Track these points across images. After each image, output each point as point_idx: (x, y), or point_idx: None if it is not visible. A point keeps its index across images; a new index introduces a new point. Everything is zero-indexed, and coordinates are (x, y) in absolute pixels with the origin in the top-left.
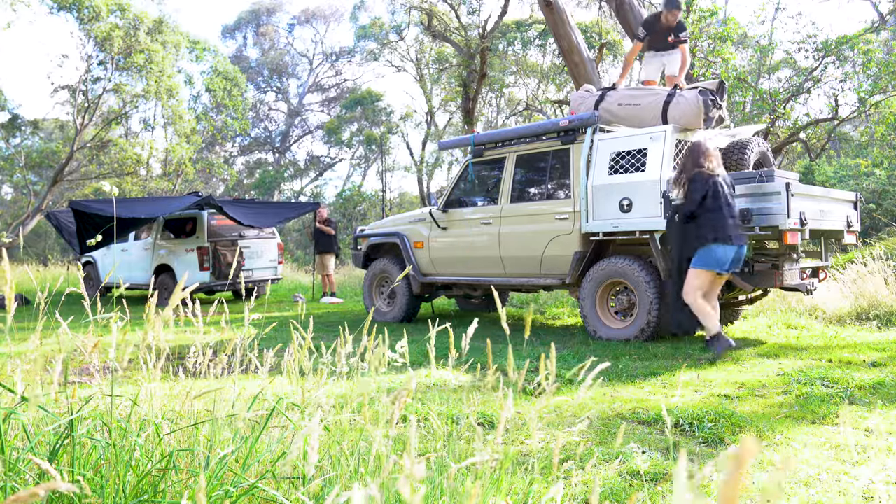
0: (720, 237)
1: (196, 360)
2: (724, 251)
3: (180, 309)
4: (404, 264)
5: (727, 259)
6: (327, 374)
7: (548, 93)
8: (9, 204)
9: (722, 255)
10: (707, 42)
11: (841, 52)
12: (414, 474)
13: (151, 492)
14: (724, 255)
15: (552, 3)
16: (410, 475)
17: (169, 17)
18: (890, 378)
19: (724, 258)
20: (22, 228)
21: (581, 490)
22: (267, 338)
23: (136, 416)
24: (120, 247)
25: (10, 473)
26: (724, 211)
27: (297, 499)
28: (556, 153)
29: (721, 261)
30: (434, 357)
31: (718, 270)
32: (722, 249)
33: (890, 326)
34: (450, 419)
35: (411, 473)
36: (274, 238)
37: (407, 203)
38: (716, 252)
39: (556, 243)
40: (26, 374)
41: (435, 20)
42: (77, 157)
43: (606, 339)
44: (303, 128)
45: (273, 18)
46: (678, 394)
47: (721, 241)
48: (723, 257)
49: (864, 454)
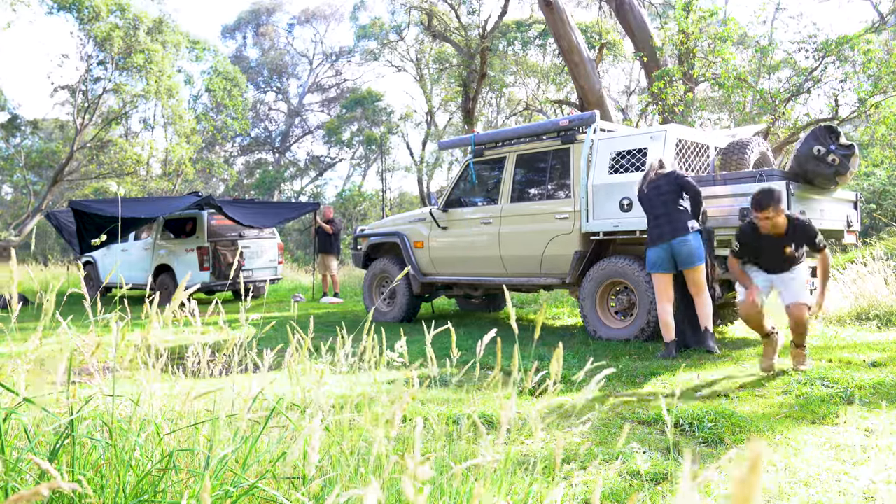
0: (649, 241)
1: (195, 360)
2: (655, 252)
3: (179, 310)
4: (404, 264)
5: (660, 259)
6: (327, 374)
7: (548, 93)
8: (9, 204)
9: (653, 257)
10: (707, 42)
11: (841, 52)
12: (418, 475)
13: (151, 492)
14: (655, 256)
15: (552, 3)
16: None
17: (169, 17)
18: (890, 378)
19: (657, 258)
20: (22, 228)
21: (582, 490)
22: (266, 337)
23: (137, 416)
24: (120, 247)
25: (11, 473)
26: (649, 216)
27: (297, 499)
28: (557, 153)
29: (653, 262)
30: (433, 357)
31: (653, 271)
32: (652, 252)
33: (890, 326)
34: (450, 419)
35: (415, 474)
36: (274, 238)
37: (407, 203)
38: (648, 256)
39: (557, 243)
40: (28, 375)
41: (435, 20)
42: (77, 157)
43: (606, 339)
44: (303, 128)
45: (273, 18)
46: (697, 393)
47: (650, 244)
48: (654, 258)
49: (865, 454)
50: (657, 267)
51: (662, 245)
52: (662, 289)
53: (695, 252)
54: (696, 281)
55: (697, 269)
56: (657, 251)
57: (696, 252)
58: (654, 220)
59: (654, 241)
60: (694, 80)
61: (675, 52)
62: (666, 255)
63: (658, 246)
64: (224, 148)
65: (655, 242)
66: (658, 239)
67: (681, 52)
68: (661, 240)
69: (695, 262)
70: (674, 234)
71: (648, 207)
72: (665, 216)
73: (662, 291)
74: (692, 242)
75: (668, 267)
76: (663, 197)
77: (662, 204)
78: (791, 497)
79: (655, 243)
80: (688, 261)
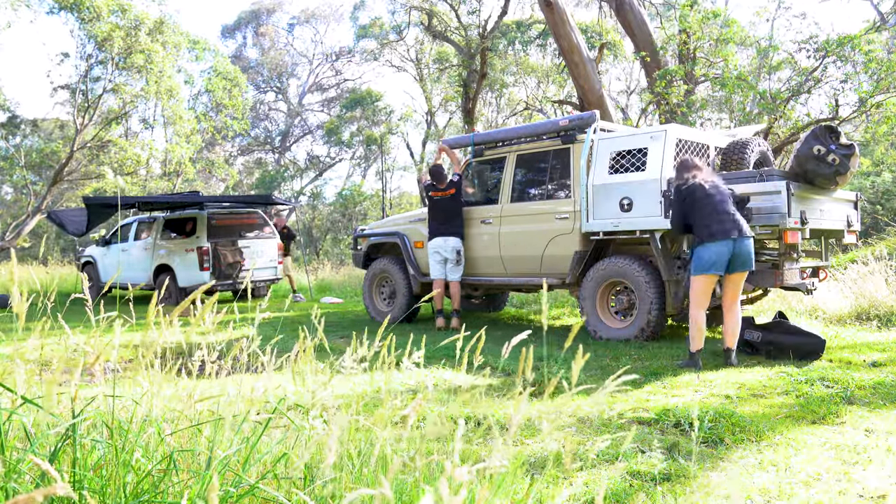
0: (705, 237)
1: (201, 362)
2: (715, 249)
3: (189, 309)
4: (404, 264)
5: (720, 257)
6: (331, 374)
7: (548, 93)
8: (9, 204)
9: (712, 255)
10: (709, 43)
11: (842, 52)
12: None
13: (152, 492)
14: (714, 255)
15: (552, 3)
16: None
17: (170, 18)
18: (890, 378)
19: (717, 257)
20: (22, 228)
21: (583, 491)
22: (266, 337)
23: (138, 416)
24: (120, 247)
25: (12, 475)
26: (705, 212)
27: (301, 499)
28: (557, 153)
29: (711, 261)
30: (435, 358)
31: (707, 272)
32: (710, 248)
33: (890, 326)
34: (454, 420)
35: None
36: (274, 238)
37: (406, 203)
38: (701, 255)
39: (557, 243)
40: (28, 375)
41: (435, 20)
42: (77, 158)
43: (606, 338)
44: (303, 128)
45: (273, 18)
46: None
47: (706, 240)
48: (713, 257)
49: (864, 454)
50: (714, 267)
51: (725, 241)
52: (706, 293)
53: (752, 256)
54: (738, 289)
55: (744, 275)
56: (719, 248)
57: (753, 257)
58: (717, 215)
59: (716, 236)
60: (695, 80)
61: (675, 52)
62: (727, 253)
63: (720, 242)
64: (224, 148)
65: (717, 237)
66: (722, 234)
67: (682, 52)
68: (727, 235)
69: (749, 266)
70: (741, 233)
71: (707, 203)
72: (728, 214)
73: (705, 295)
74: (752, 245)
75: (722, 268)
76: (724, 196)
77: (722, 202)
78: (791, 497)
79: (716, 238)
80: (745, 263)
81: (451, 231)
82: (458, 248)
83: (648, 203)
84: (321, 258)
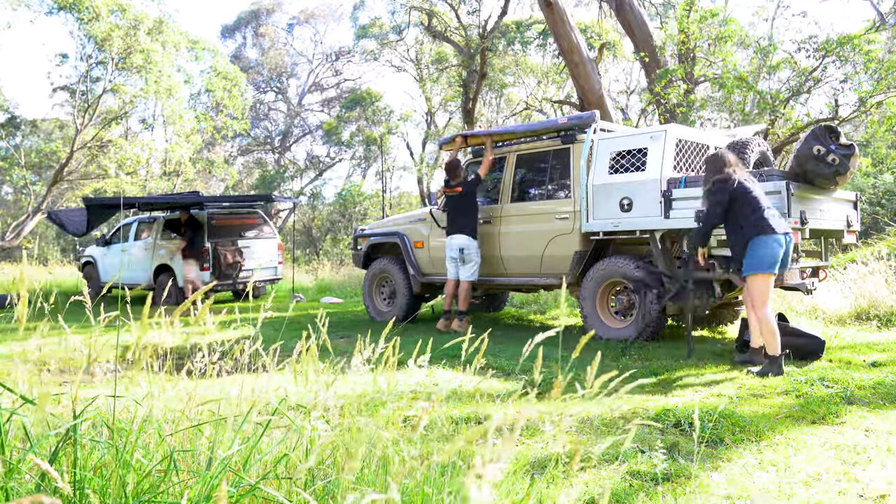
0: (757, 231)
1: (201, 362)
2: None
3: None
4: (404, 264)
5: (776, 254)
6: (337, 375)
7: (548, 93)
8: (9, 204)
9: (769, 252)
10: (708, 42)
11: (842, 52)
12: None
13: (152, 492)
14: (771, 251)
15: (552, 3)
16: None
17: (169, 18)
18: (890, 378)
19: (774, 253)
20: (22, 229)
21: (583, 491)
22: (267, 338)
23: (138, 416)
24: (120, 247)
25: (13, 475)
26: (752, 207)
27: (303, 499)
28: (557, 153)
29: (770, 259)
30: (437, 358)
31: (769, 271)
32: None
33: (890, 326)
34: (454, 421)
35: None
36: (274, 238)
37: (406, 203)
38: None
39: (557, 243)
40: (29, 376)
41: (435, 20)
42: (77, 158)
43: (606, 339)
44: (302, 128)
45: (272, 18)
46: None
47: (760, 233)
48: (771, 254)
49: (864, 454)
50: (774, 265)
51: (778, 238)
52: (769, 292)
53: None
54: (770, 288)
55: (776, 275)
56: (774, 244)
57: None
58: (768, 210)
59: (768, 230)
60: (694, 80)
61: (675, 52)
62: (781, 249)
63: (774, 237)
64: (224, 148)
65: (769, 231)
66: (779, 227)
67: (681, 52)
68: (781, 229)
69: (788, 266)
70: (787, 228)
71: (753, 198)
72: (770, 209)
73: (768, 294)
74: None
75: (778, 265)
76: (761, 192)
77: (766, 198)
78: (791, 497)
79: (768, 232)
80: (786, 262)
81: (457, 229)
82: (463, 246)
83: (648, 203)
84: (321, 258)
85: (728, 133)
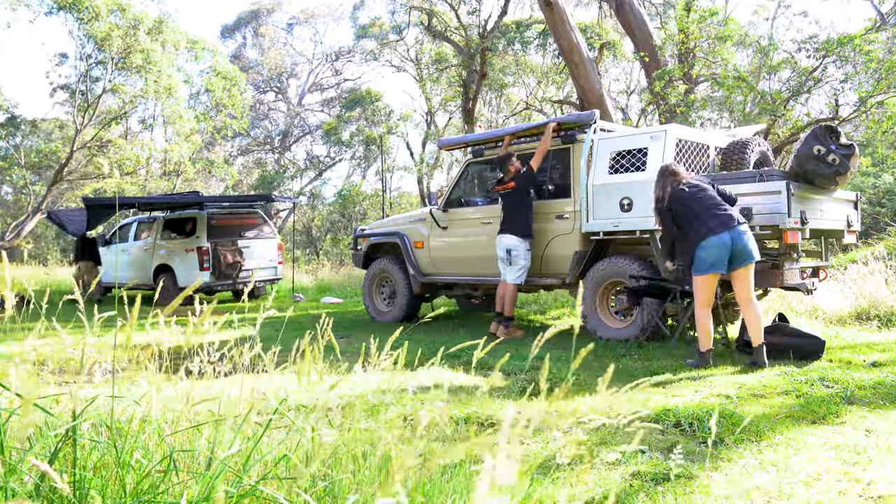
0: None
1: (201, 362)
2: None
3: (185, 309)
4: (404, 264)
5: (720, 255)
6: (341, 374)
7: (548, 93)
8: (9, 204)
9: (712, 254)
10: (707, 42)
11: (842, 51)
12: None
13: (152, 492)
14: (714, 253)
15: (552, 3)
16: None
17: (169, 17)
18: (890, 378)
19: (717, 254)
20: (22, 229)
21: (583, 490)
22: (267, 338)
23: (137, 416)
24: (120, 247)
25: (12, 476)
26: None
27: (304, 500)
28: (557, 153)
29: (711, 261)
30: (438, 357)
31: (709, 272)
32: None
33: (890, 326)
34: (455, 421)
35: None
36: (274, 238)
37: (406, 203)
38: (700, 255)
39: (557, 243)
40: (27, 375)
41: (435, 20)
42: (77, 158)
43: (606, 339)
44: (302, 128)
45: (272, 18)
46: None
47: (705, 236)
48: (714, 255)
49: (865, 454)
50: (716, 266)
51: (722, 235)
52: (710, 292)
53: (753, 246)
54: (749, 283)
55: (750, 268)
56: (717, 244)
57: (754, 247)
58: (706, 211)
59: (714, 230)
60: (694, 80)
61: (675, 51)
62: (726, 249)
63: (718, 236)
64: (224, 148)
65: (715, 231)
66: (718, 227)
67: (681, 52)
68: (724, 227)
69: (751, 258)
70: (736, 223)
71: (693, 205)
72: (717, 207)
73: (709, 296)
74: (749, 234)
75: (724, 266)
76: (709, 192)
77: (711, 198)
78: (791, 497)
79: (715, 232)
80: (747, 256)
81: (504, 228)
82: (510, 247)
83: (648, 203)
84: (321, 258)
85: (728, 133)
